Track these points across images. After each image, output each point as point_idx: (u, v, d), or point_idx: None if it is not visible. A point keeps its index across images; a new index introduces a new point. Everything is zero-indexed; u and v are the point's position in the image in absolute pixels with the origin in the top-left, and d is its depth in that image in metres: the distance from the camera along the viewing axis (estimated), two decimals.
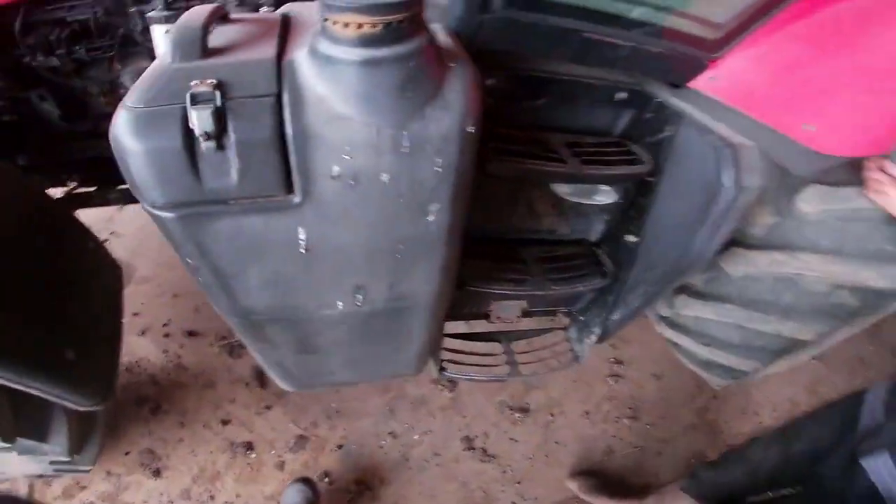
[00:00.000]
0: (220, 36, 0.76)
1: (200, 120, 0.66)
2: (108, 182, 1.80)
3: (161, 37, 1.28)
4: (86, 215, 1.53)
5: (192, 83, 0.66)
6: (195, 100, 0.66)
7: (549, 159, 1.21)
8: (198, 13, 0.73)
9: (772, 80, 1.17)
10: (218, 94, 0.67)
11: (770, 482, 1.59)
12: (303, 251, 0.88)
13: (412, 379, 2.28)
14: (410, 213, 0.88)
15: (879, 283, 1.41)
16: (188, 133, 0.69)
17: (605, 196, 1.41)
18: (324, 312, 1.06)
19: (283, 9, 0.94)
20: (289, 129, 0.73)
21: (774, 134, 1.17)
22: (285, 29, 0.82)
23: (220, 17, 0.78)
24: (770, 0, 1.14)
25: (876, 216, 1.33)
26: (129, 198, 1.80)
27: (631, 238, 1.47)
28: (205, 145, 0.69)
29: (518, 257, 1.50)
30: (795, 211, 1.40)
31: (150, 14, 1.28)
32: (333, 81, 0.73)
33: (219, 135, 0.69)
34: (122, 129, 0.68)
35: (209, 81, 0.67)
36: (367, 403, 2.19)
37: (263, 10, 1.32)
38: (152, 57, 1.36)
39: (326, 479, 1.97)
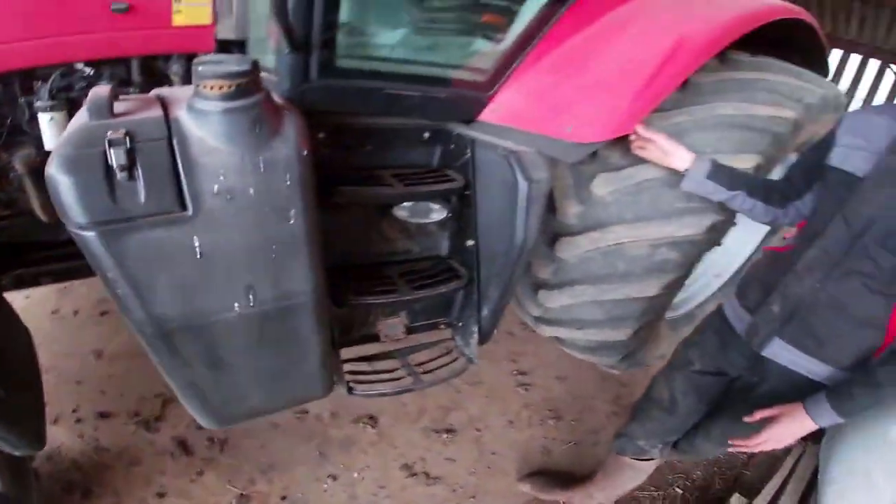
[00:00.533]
0: (117, 106, 1.13)
1: (117, 157, 1.04)
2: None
3: (47, 124, 1.52)
4: None
5: (109, 133, 1.04)
6: (112, 143, 1.03)
7: (380, 185, 1.64)
8: (100, 90, 1.12)
9: (533, 101, 1.70)
10: (128, 139, 1.04)
11: (693, 410, 1.78)
12: (199, 256, 1.21)
13: (332, 422, 2.50)
14: (276, 217, 1.26)
15: (684, 232, 1.84)
16: (107, 168, 1.05)
17: (438, 214, 1.85)
18: (225, 315, 1.33)
19: (154, 91, 1.31)
20: (179, 162, 1.12)
21: (545, 138, 1.67)
22: (162, 101, 1.21)
23: (113, 95, 1.16)
24: (515, 50, 1.71)
25: (658, 183, 1.80)
26: (19, 283, 1.89)
27: (470, 242, 1.89)
28: (120, 176, 1.06)
29: (385, 275, 1.86)
30: (593, 197, 1.88)
31: (37, 104, 1.51)
32: (206, 126, 1.14)
33: (130, 168, 1.06)
34: (56, 168, 1.03)
35: (121, 131, 1.04)
36: (296, 452, 2.34)
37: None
38: (38, 144, 1.59)
39: None
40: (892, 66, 7.98)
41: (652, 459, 1.98)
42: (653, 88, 1.63)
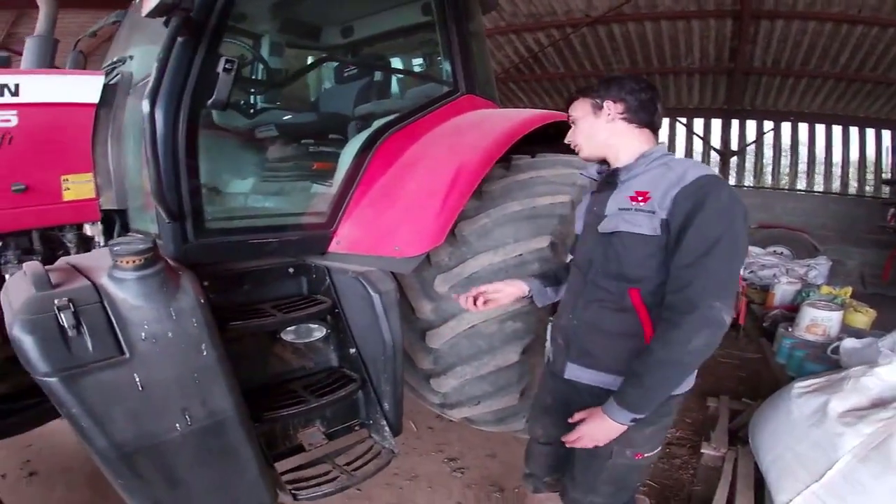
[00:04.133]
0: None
1: (67, 318, 1.50)
2: None
3: None
4: None
5: (56, 300, 1.50)
6: (60, 308, 1.50)
7: (262, 316, 2.18)
8: (35, 267, 1.61)
9: (366, 230, 2.38)
10: (72, 304, 1.52)
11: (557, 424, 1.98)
12: (141, 389, 1.63)
13: None
14: (193, 351, 1.74)
15: (515, 307, 2.36)
16: (59, 327, 1.50)
17: (319, 332, 2.38)
18: (171, 435, 1.68)
19: (63, 260, 1.80)
20: (112, 318, 1.60)
21: (381, 258, 2.31)
22: (78, 270, 1.71)
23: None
24: (343, 191, 2.43)
25: (482, 273, 2.39)
26: None
27: (352, 350, 2.40)
28: (70, 332, 1.51)
29: (291, 390, 2.27)
30: (438, 294, 2.48)
31: None
32: (127, 290, 1.65)
33: (77, 325, 1.53)
34: (20, 331, 1.47)
35: (65, 299, 1.52)
36: None
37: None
38: None
39: None
40: (679, 119, 11.96)
41: (557, 492, 2.14)
42: (448, 206, 2.31)
